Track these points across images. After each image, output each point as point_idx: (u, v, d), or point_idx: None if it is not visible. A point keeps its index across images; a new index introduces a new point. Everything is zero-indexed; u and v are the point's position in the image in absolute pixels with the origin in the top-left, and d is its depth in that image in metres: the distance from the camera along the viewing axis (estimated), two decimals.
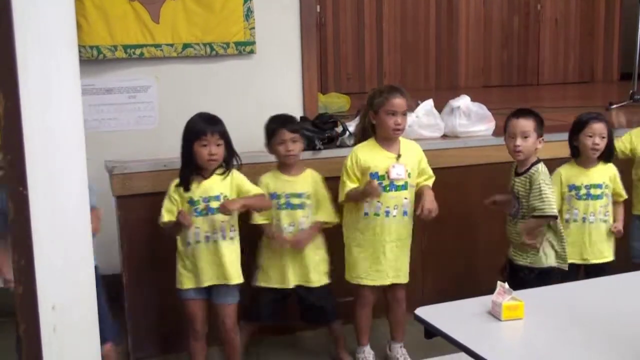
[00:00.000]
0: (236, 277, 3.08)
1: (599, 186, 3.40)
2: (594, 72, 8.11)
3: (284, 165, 3.30)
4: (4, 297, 1.85)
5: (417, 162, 3.31)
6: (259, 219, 3.24)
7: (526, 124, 3.18)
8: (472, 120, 3.96)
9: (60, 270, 1.16)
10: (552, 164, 3.62)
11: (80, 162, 1.16)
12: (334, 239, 3.35)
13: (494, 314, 2.19)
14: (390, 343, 3.48)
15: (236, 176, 3.11)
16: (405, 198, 3.24)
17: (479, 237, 3.68)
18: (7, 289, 2.19)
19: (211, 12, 3.93)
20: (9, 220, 1.11)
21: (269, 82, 4.07)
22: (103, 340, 2.76)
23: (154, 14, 3.87)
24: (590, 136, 3.36)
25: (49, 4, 1.07)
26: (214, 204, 3.03)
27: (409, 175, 3.24)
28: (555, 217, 3.20)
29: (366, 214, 3.23)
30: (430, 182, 3.33)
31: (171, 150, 3.10)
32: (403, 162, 3.23)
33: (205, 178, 3.05)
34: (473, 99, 4.09)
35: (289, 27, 4.12)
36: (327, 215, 3.31)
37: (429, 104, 3.97)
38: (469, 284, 3.45)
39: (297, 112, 4.08)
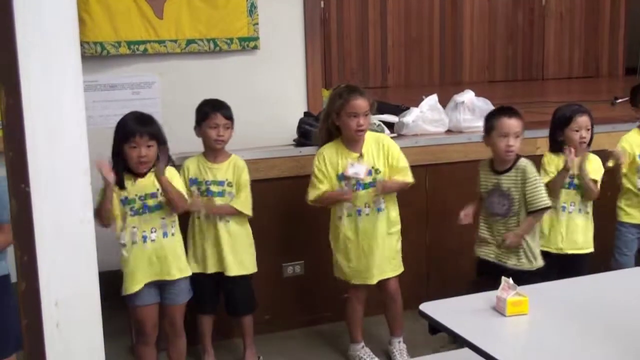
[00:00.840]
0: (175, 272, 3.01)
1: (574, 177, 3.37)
2: (599, 67, 8.09)
3: (210, 151, 3.21)
4: None
5: (384, 157, 3.23)
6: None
7: (518, 124, 3.13)
8: (476, 115, 3.95)
9: (63, 266, 1.16)
10: None
11: (82, 158, 1.15)
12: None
13: (499, 309, 2.19)
14: (390, 339, 3.48)
15: (169, 169, 3.00)
16: (376, 195, 3.19)
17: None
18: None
19: (215, 8, 3.92)
20: (11, 217, 1.11)
21: (272, 78, 4.07)
22: (9, 351, 2.73)
23: (157, 10, 3.87)
24: (577, 130, 3.31)
25: (52, 2, 1.07)
26: (151, 202, 2.95)
27: (376, 171, 3.20)
28: (549, 208, 3.19)
29: (340, 217, 3.22)
30: (403, 176, 3.24)
31: (176, 146, 3.09)
32: (366, 160, 3.18)
33: (141, 176, 2.94)
34: (477, 94, 4.09)
35: (293, 23, 4.11)
36: (241, 204, 3.21)
37: (433, 99, 3.97)
38: (471, 276, 3.44)
39: (301, 107, 4.08)
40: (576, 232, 3.38)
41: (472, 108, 3.98)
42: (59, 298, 1.13)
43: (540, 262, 3.20)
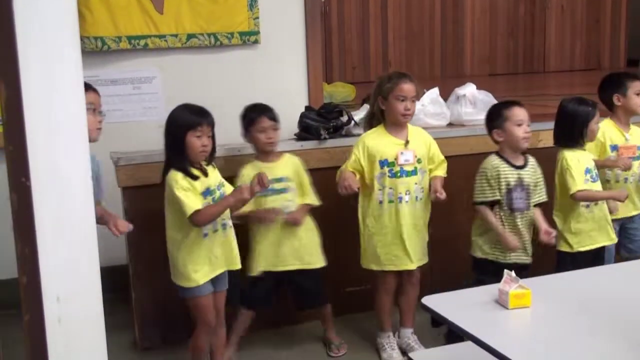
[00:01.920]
0: (239, 262, 3.07)
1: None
2: (601, 59, 8.06)
3: (263, 154, 3.30)
4: (12, 289, 1.85)
5: (426, 148, 3.34)
6: (245, 210, 3.18)
7: (527, 113, 3.22)
8: (477, 108, 3.95)
9: (65, 261, 1.16)
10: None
11: (83, 152, 1.15)
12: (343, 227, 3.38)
13: (501, 302, 2.19)
14: (400, 330, 3.50)
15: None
16: (416, 183, 3.27)
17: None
18: (14, 280, 2.19)
19: (215, 2, 3.91)
20: (12, 211, 1.11)
21: (273, 72, 4.06)
22: None
23: (157, 5, 3.86)
24: (597, 124, 3.38)
25: None
26: (224, 190, 3.02)
27: (418, 160, 3.28)
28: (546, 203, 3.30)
29: (380, 202, 3.27)
30: (441, 170, 3.37)
31: None
32: (411, 148, 3.26)
33: (203, 169, 2.97)
34: (479, 87, 4.08)
35: (294, 17, 4.10)
36: (311, 198, 3.33)
37: (434, 92, 3.96)
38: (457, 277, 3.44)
39: (302, 102, 4.07)
40: None
41: (473, 101, 3.97)
42: (61, 293, 1.13)
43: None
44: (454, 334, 2.63)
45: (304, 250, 3.32)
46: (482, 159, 3.45)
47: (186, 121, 2.92)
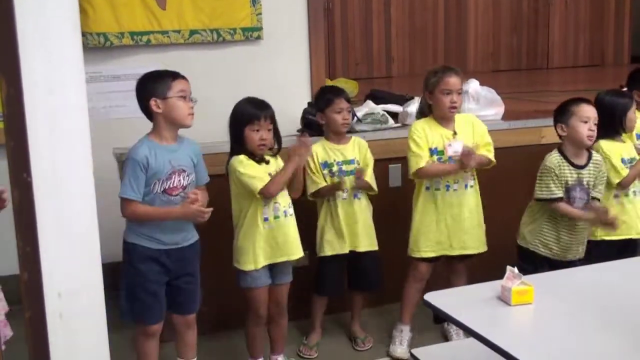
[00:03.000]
0: (300, 251, 3.15)
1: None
2: (605, 56, 8.04)
3: (334, 134, 3.38)
4: (13, 285, 1.86)
5: (475, 134, 3.36)
6: (313, 187, 3.31)
7: (595, 111, 3.19)
8: (481, 104, 3.94)
9: (66, 257, 1.15)
10: None
11: (84, 148, 1.15)
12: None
13: (504, 298, 2.19)
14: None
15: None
16: (465, 171, 3.29)
17: (489, 221, 3.66)
18: (15, 277, 2.19)
19: None
20: (13, 207, 1.11)
21: (276, 68, 4.05)
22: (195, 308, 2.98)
23: (160, 1, 3.86)
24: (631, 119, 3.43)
25: None
26: None
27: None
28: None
29: (427, 188, 3.32)
30: (488, 150, 3.36)
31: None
32: (460, 138, 3.30)
33: (265, 160, 3.05)
34: (482, 84, 4.07)
35: (296, 12, 4.09)
36: (371, 179, 3.36)
37: None
38: (480, 268, 3.43)
39: (305, 98, 4.07)
40: None
41: (476, 97, 3.97)
42: (62, 289, 1.13)
43: None
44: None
45: (359, 234, 3.37)
46: None
47: (244, 115, 3.01)
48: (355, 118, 3.72)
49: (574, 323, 2.07)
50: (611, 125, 3.36)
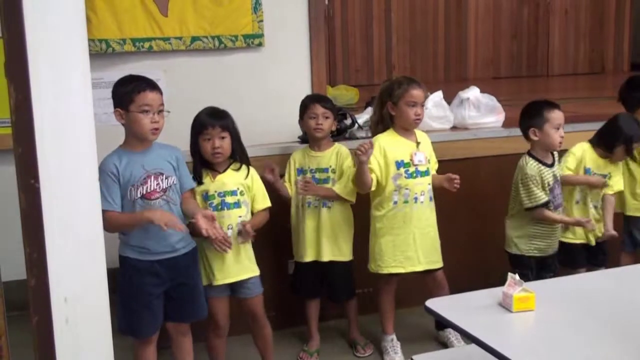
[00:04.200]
0: (256, 269, 3.12)
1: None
2: (604, 63, 8.06)
3: (313, 141, 3.39)
4: (22, 290, 1.86)
5: (430, 149, 3.41)
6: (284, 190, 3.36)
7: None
8: (481, 111, 3.95)
9: (72, 262, 1.16)
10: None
11: (90, 154, 1.16)
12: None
13: (505, 305, 2.19)
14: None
15: (255, 178, 3.12)
16: (429, 183, 3.33)
17: (488, 228, 3.67)
18: (22, 282, 2.20)
19: (219, 5, 3.92)
20: (21, 212, 1.11)
21: (277, 75, 4.06)
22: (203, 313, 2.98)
23: (162, 7, 3.86)
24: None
25: (60, 0, 1.07)
26: (230, 199, 3.03)
27: (428, 161, 3.34)
28: None
29: (395, 202, 3.29)
30: (434, 169, 3.42)
31: (180, 143, 3.09)
32: (422, 149, 3.33)
33: (220, 172, 3.05)
34: (482, 91, 4.07)
35: (297, 19, 4.10)
36: (340, 188, 3.32)
37: (438, 95, 3.96)
38: (479, 275, 3.44)
39: None
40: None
41: (477, 104, 3.97)
42: (68, 294, 1.13)
43: None
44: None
45: (325, 241, 3.36)
46: (485, 162, 3.46)
47: (196, 124, 3.02)
48: (356, 125, 3.73)
49: (575, 330, 2.07)
50: (608, 143, 3.46)
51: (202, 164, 3.04)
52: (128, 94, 2.77)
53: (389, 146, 3.28)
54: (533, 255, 3.35)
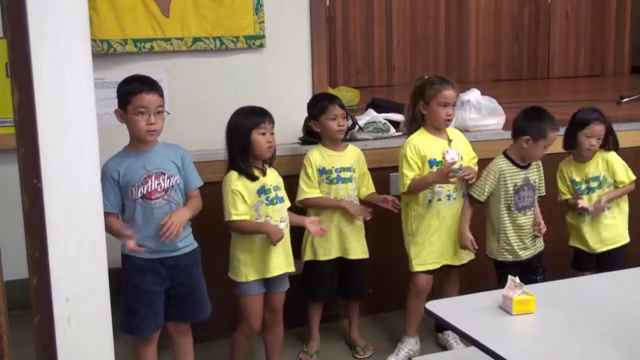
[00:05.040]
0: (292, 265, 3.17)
1: (596, 178, 3.47)
2: (605, 66, 8.07)
3: (330, 141, 3.40)
4: (22, 290, 1.87)
5: (465, 145, 3.44)
6: (303, 195, 3.35)
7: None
8: (482, 114, 3.96)
9: (74, 262, 1.17)
10: (562, 158, 3.63)
11: (93, 155, 1.16)
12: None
13: (505, 308, 2.19)
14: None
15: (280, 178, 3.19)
16: (468, 179, 3.34)
17: None
18: (23, 281, 2.21)
19: (221, 6, 3.92)
20: (23, 212, 1.12)
21: (278, 76, 4.07)
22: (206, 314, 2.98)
23: (164, 8, 3.87)
24: (589, 137, 3.41)
25: (63, 0, 1.07)
26: (280, 193, 3.11)
27: (461, 158, 3.34)
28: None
29: (429, 200, 3.32)
30: (474, 164, 3.45)
31: (182, 143, 3.09)
32: (454, 146, 3.34)
33: (263, 169, 3.08)
34: (483, 93, 4.08)
35: (299, 21, 4.11)
36: (374, 189, 3.44)
37: None
38: (480, 277, 3.44)
39: (306, 105, 4.08)
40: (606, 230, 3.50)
41: (478, 107, 3.98)
42: (70, 294, 1.14)
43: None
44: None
45: (353, 239, 3.40)
46: (485, 164, 3.47)
47: (250, 121, 3.04)
48: (357, 126, 3.74)
49: (575, 333, 2.08)
50: (571, 138, 3.49)
51: (247, 161, 3.04)
52: (126, 95, 2.80)
53: (422, 145, 3.31)
54: (506, 259, 3.37)
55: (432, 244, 3.35)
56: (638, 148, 3.66)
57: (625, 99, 5.18)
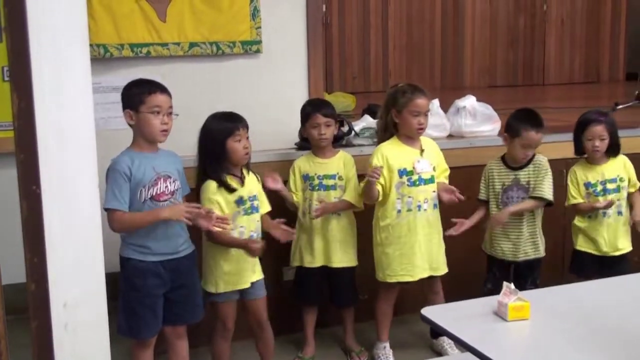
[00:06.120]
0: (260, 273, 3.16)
1: (613, 180, 3.45)
2: (600, 72, 8.11)
3: (317, 148, 3.41)
4: (17, 294, 1.87)
5: (437, 156, 3.43)
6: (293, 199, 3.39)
7: (541, 137, 3.35)
8: (477, 120, 3.97)
9: (72, 268, 1.17)
10: (559, 164, 3.64)
11: (91, 161, 1.16)
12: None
13: (500, 314, 2.20)
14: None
15: (260, 181, 3.20)
16: (433, 191, 3.33)
17: (482, 237, 3.67)
18: (20, 285, 2.21)
19: (218, 11, 3.93)
20: (22, 218, 1.12)
21: (275, 81, 4.07)
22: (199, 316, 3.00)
23: (160, 13, 3.87)
24: (590, 139, 3.42)
25: (62, 7, 1.08)
26: (256, 203, 3.09)
27: (433, 169, 3.34)
28: (551, 205, 3.40)
29: (399, 211, 3.30)
30: (443, 178, 3.42)
31: (177, 149, 3.10)
32: (426, 157, 3.33)
33: (241, 177, 3.07)
34: (478, 99, 4.09)
35: (295, 26, 4.12)
36: (352, 196, 3.37)
37: (434, 103, 3.97)
38: (475, 283, 3.45)
39: None
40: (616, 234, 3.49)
41: (473, 113, 3.99)
42: (68, 299, 1.14)
43: (543, 251, 3.49)
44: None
45: (337, 248, 3.40)
46: (481, 170, 3.49)
47: (225, 128, 3.01)
48: (353, 132, 3.74)
49: (570, 339, 2.08)
50: (577, 142, 3.50)
51: (224, 169, 3.03)
52: (139, 95, 2.80)
53: (392, 155, 3.29)
54: (496, 256, 3.44)
55: (402, 256, 3.31)
56: (634, 155, 3.66)
57: (620, 106, 5.20)
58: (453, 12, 7.51)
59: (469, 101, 4.02)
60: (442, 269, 3.41)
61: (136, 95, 2.81)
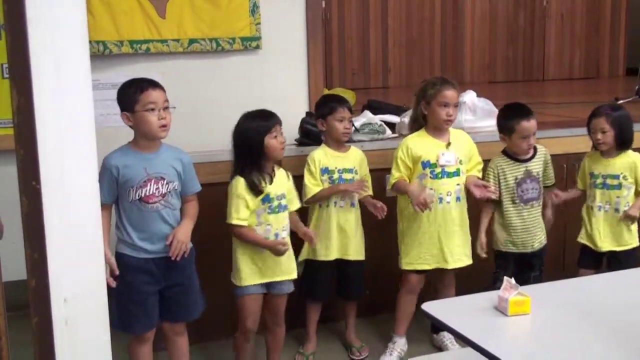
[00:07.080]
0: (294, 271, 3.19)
1: (615, 177, 3.43)
2: (600, 68, 8.09)
3: (335, 142, 3.42)
4: (18, 291, 1.87)
5: (468, 149, 3.43)
6: (310, 192, 3.37)
7: (534, 124, 3.39)
8: (478, 115, 3.97)
9: (72, 263, 1.17)
10: (560, 159, 3.64)
11: (91, 157, 1.16)
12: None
13: (501, 309, 2.20)
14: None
15: (290, 178, 3.22)
16: (458, 184, 3.35)
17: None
18: (20, 282, 2.21)
19: (217, 8, 3.93)
20: (22, 214, 1.12)
21: (274, 77, 4.07)
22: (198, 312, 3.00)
23: (160, 9, 3.87)
24: (593, 132, 3.43)
25: (62, 4, 1.07)
26: (284, 201, 3.11)
27: (460, 162, 3.35)
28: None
29: None
30: (476, 171, 3.46)
31: (178, 145, 3.09)
32: (453, 149, 3.33)
33: (271, 175, 3.08)
34: (478, 95, 4.09)
35: (295, 22, 4.11)
36: (371, 192, 3.44)
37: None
38: (475, 278, 3.45)
39: (303, 107, 4.09)
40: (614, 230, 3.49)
41: (473, 108, 3.99)
42: (68, 295, 1.14)
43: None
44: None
45: (353, 240, 3.41)
46: (483, 165, 3.48)
47: (261, 126, 3.05)
48: (354, 128, 3.74)
49: (570, 334, 2.08)
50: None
51: (258, 168, 3.05)
52: (131, 95, 2.79)
53: (416, 146, 3.32)
54: (509, 250, 3.45)
55: (420, 245, 3.36)
56: (633, 149, 3.66)
57: (620, 101, 5.19)
58: (453, 7, 7.50)
59: (469, 97, 4.02)
60: (457, 263, 3.40)
61: (129, 96, 2.80)
